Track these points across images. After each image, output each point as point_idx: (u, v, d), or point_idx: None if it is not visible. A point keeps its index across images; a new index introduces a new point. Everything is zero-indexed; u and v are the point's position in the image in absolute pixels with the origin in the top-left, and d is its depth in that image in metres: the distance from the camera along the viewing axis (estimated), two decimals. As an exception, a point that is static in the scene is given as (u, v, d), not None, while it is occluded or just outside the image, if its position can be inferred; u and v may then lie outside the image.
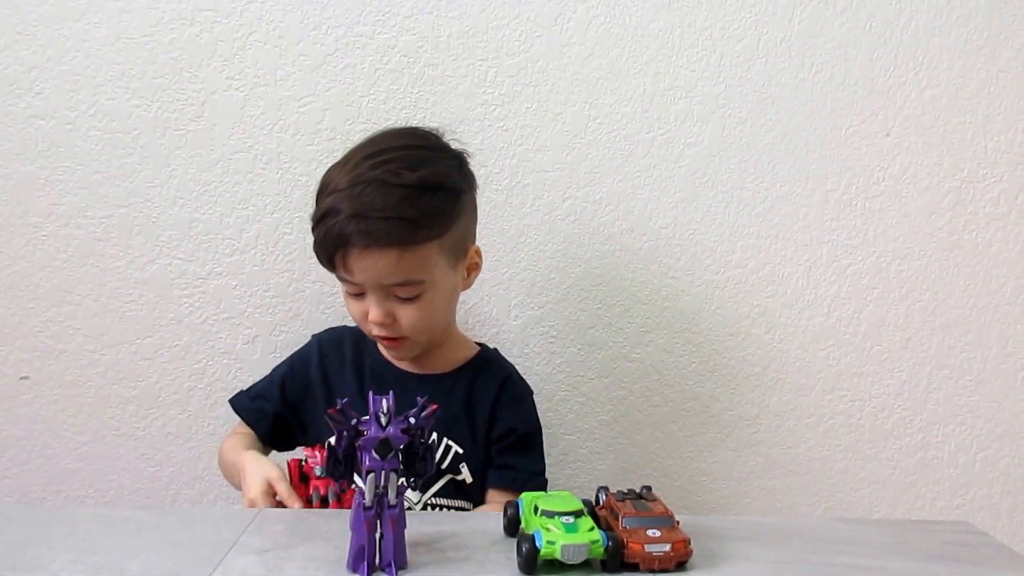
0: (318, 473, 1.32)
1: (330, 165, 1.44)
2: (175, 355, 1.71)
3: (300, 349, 1.59)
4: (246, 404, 1.55)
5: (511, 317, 1.71)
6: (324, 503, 1.31)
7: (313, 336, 1.59)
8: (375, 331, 1.41)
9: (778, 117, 1.71)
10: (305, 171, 1.67)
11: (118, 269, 1.68)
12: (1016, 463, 1.80)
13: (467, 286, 1.50)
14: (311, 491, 1.32)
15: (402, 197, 1.33)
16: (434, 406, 1.06)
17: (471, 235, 1.48)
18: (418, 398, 1.05)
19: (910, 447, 1.79)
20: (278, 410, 1.53)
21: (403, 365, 1.51)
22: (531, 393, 1.57)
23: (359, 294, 1.40)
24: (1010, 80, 1.73)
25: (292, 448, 1.54)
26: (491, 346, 1.61)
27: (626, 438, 1.76)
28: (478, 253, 1.49)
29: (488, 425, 1.49)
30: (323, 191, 1.39)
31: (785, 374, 1.76)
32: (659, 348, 1.75)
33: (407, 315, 1.39)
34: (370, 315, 1.38)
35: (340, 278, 1.40)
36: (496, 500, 1.43)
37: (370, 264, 1.34)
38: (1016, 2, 1.71)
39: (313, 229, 1.39)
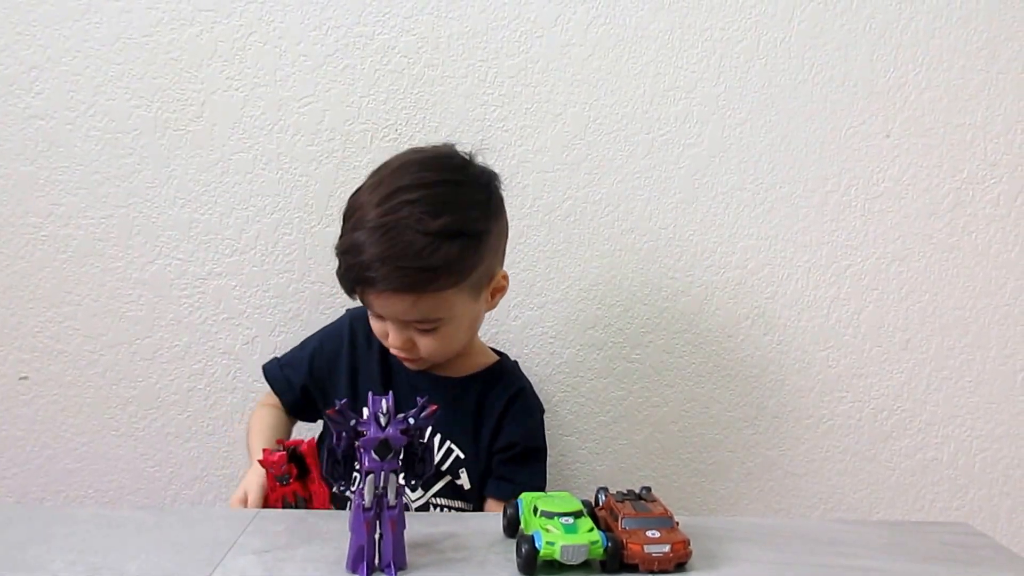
0: (281, 482, 1.32)
1: (364, 181, 1.41)
2: (175, 355, 1.71)
3: (332, 323, 1.58)
4: (276, 373, 1.55)
5: (511, 317, 1.71)
6: (299, 505, 1.32)
7: (347, 311, 1.58)
8: (393, 351, 1.42)
9: (778, 118, 1.71)
10: (305, 172, 1.67)
11: (118, 269, 1.68)
12: (1015, 464, 1.80)
13: (491, 307, 1.48)
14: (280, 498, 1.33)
15: (424, 245, 1.30)
16: (433, 407, 1.06)
17: (498, 263, 1.45)
18: (418, 398, 1.05)
19: (909, 448, 1.79)
20: (305, 383, 1.52)
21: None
22: (542, 411, 1.57)
23: (380, 316, 1.40)
24: (1010, 82, 1.73)
25: (315, 421, 1.56)
26: (512, 358, 1.60)
27: (625, 439, 1.76)
28: (505, 277, 1.47)
29: (493, 434, 1.48)
30: (351, 215, 1.37)
31: (784, 375, 1.76)
32: (658, 349, 1.75)
33: (425, 343, 1.39)
34: (389, 340, 1.40)
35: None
36: (494, 510, 1.43)
37: (388, 304, 1.35)
38: (1016, 4, 1.71)
39: (337, 254, 1.38)
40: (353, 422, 1.03)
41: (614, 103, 1.69)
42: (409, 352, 1.40)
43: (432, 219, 1.31)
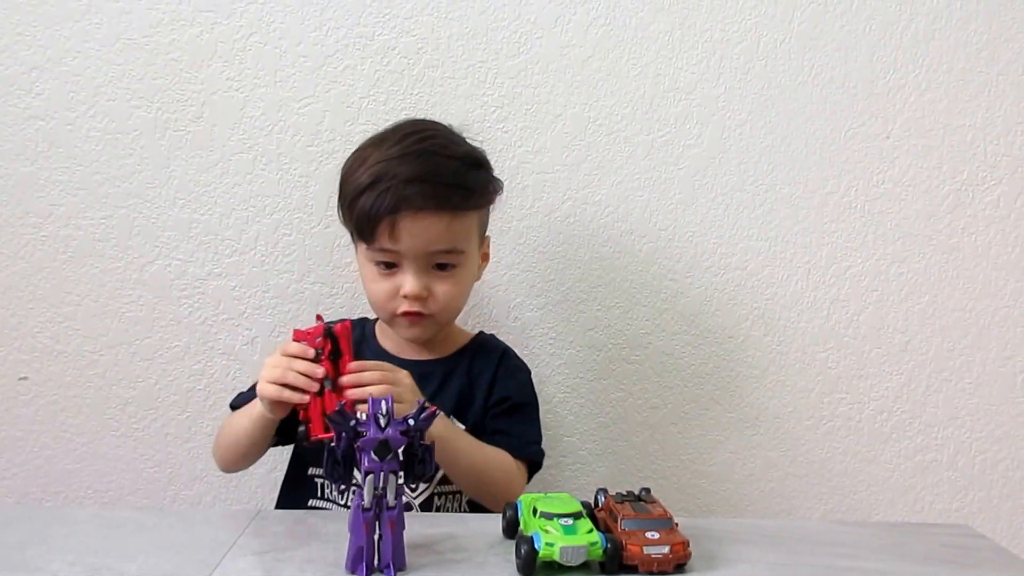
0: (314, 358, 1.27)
1: (353, 151, 1.46)
2: (174, 356, 1.71)
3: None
4: (250, 395, 1.49)
5: (510, 319, 1.71)
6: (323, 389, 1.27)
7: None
8: (404, 307, 1.41)
9: (778, 119, 1.71)
10: (305, 172, 1.67)
11: (117, 270, 1.68)
12: (1015, 466, 1.80)
13: (478, 277, 1.52)
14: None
15: (456, 167, 1.40)
16: (433, 408, 1.06)
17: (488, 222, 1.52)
18: (418, 400, 1.05)
19: (909, 449, 1.79)
20: None
21: (404, 353, 1.51)
22: (528, 371, 1.59)
23: (391, 268, 1.41)
24: (1009, 83, 1.73)
25: (291, 442, 1.53)
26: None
27: (625, 440, 1.76)
28: (488, 244, 1.54)
29: (486, 396, 1.50)
30: (359, 165, 1.41)
31: (784, 376, 1.76)
32: (658, 350, 1.75)
33: (442, 289, 1.41)
34: (406, 287, 1.39)
35: (378, 250, 1.40)
36: None
37: (421, 229, 1.37)
38: (1015, 5, 1.71)
39: (351, 202, 1.40)
40: (353, 423, 1.03)
41: (614, 104, 1.69)
42: (422, 305, 1.41)
43: (457, 147, 1.44)
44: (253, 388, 1.52)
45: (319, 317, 1.32)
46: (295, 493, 1.50)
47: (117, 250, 1.67)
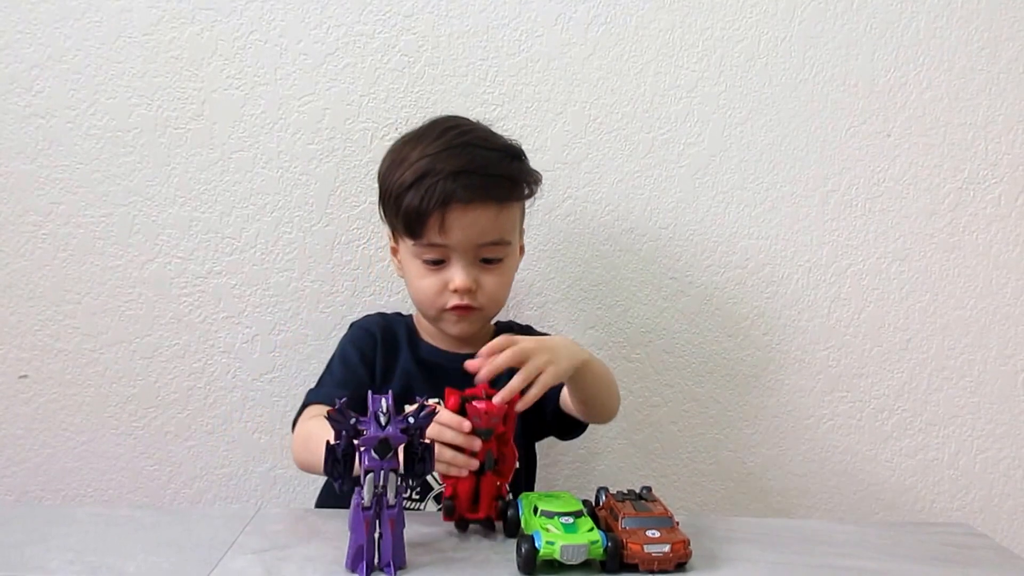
0: (483, 436, 1.15)
1: (390, 149, 1.47)
2: (174, 354, 1.70)
3: (355, 336, 1.53)
4: (330, 393, 1.40)
5: (510, 317, 1.71)
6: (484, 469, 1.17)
7: (356, 322, 1.55)
8: (454, 301, 1.41)
9: (779, 117, 1.71)
10: (305, 170, 1.67)
11: (118, 268, 1.68)
12: (1016, 465, 1.80)
13: (516, 267, 1.51)
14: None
15: (499, 158, 1.42)
16: (432, 405, 1.06)
17: None
18: (417, 397, 1.05)
19: (910, 449, 1.79)
20: (367, 383, 1.43)
21: (452, 348, 1.49)
22: None
23: (439, 264, 1.40)
24: (1011, 81, 1.73)
25: None
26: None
27: (625, 438, 1.76)
28: (523, 237, 1.53)
29: None
30: (400, 163, 1.41)
31: (784, 375, 1.76)
32: (659, 349, 1.75)
33: (490, 281, 1.42)
34: (455, 282, 1.39)
35: (426, 245, 1.39)
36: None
37: (470, 222, 1.37)
38: (1017, 4, 1.71)
39: (396, 199, 1.39)
40: (353, 420, 1.03)
41: (614, 102, 1.69)
42: (471, 298, 1.40)
43: (497, 139, 1.45)
44: (326, 385, 1.47)
45: (486, 389, 1.18)
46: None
47: (117, 248, 1.67)
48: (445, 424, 1.14)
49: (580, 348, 1.32)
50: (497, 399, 1.15)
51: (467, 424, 1.14)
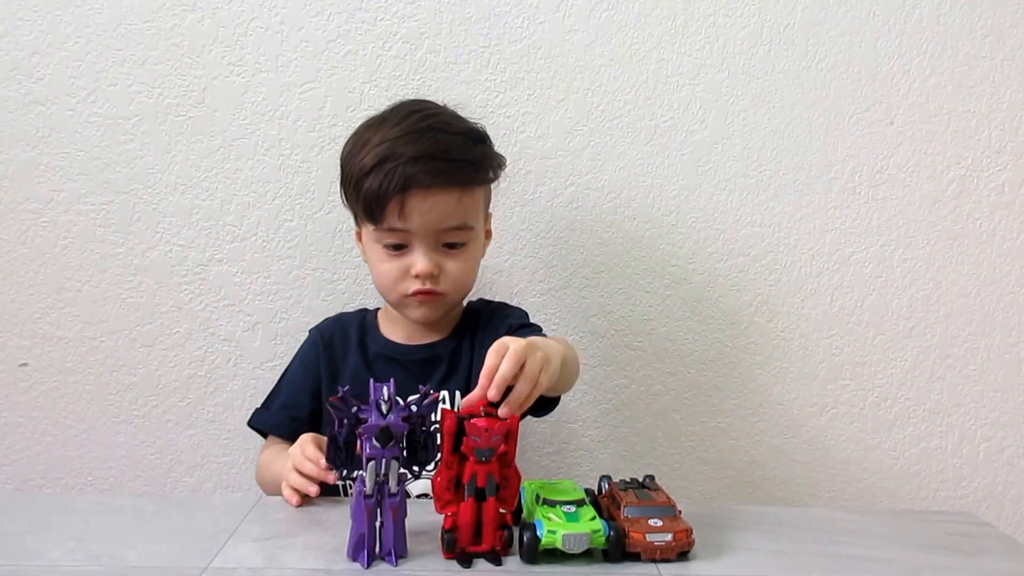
0: (482, 458, 1.06)
1: (353, 133, 1.46)
2: (175, 342, 1.70)
3: (303, 347, 1.56)
4: (273, 420, 1.50)
5: (513, 304, 1.71)
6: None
7: (311, 329, 1.57)
8: (416, 286, 1.40)
9: (781, 105, 1.70)
10: (306, 158, 1.66)
11: (118, 256, 1.67)
12: (1020, 453, 1.79)
13: (482, 254, 1.51)
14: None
15: (461, 143, 1.41)
16: (435, 394, 1.06)
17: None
18: (420, 386, 1.05)
19: (913, 437, 1.78)
20: (312, 409, 1.49)
21: (410, 340, 1.50)
22: (524, 311, 1.56)
23: (400, 249, 1.40)
24: (1014, 69, 1.72)
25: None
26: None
27: (628, 427, 1.76)
28: (490, 221, 1.53)
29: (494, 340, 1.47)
30: (361, 147, 1.40)
31: (788, 363, 1.76)
32: (661, 336, 1.74)
33: (453, 267, 1.41)
34: (417, 267, 1.39)
35: (386, 230, 1.39)
36: None
37: (430, 206, 1.36)
38: (1022, -10, 1.71)
39: (356, 183, 1.39)
40: (355, 409, 1.02)
41: (617, 89, 1.69)
42: (433, 283, 1.40)
43: (459, 123, 1.45)
44: (270, 403, 1.53)
45: (487, 406, 1.08)
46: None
47: (118, 236, 1.67)
48: (309, 459, 1.25)
49: (549, 339, 1.29)
50: (504, 411, 1.07)
51: (324, 461, 1.16)
